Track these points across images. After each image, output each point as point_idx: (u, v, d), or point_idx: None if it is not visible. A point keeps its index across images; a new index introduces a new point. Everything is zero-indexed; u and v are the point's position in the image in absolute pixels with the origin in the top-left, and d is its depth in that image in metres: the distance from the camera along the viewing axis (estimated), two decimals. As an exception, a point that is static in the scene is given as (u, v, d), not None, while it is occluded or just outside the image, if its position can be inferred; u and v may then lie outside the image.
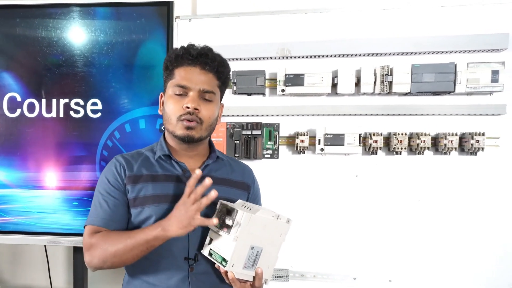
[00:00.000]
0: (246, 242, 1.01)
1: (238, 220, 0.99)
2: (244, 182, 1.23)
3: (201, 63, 1.10)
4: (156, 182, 1.12)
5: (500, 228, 1.68)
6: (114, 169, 1.14)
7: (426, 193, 1.71)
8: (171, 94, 1.12)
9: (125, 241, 1.02)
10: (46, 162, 1.87)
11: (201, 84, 1.09)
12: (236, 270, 1.02)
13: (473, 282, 1.70)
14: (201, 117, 1.09)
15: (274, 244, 1.07)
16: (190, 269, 1.09)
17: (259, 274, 1.04)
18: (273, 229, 1.05)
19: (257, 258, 1.04)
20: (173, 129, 1.11)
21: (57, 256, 2.24)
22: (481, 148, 1.63)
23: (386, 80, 1.67)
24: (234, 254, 1.00)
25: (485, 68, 1.64)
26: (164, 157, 1.16)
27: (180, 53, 1.11)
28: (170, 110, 1.11)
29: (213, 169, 1.18)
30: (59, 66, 1.88)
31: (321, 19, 1.79)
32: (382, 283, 1.74)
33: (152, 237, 1.00)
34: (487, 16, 1.69)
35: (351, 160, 1.75)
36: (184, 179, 1.12)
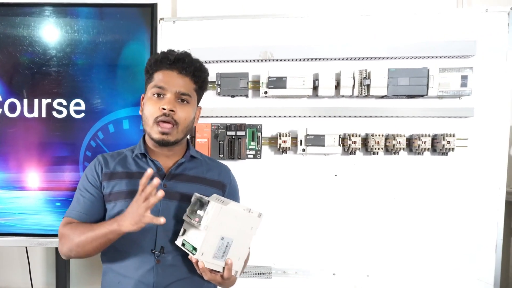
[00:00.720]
0: (216, 233, 1.06)
1: (209, 211, 1.05)
2: (219, 181, 1.28)
3: (179, 67, 1.17)
4: (130, 179, 1.19)
5: (469, 224, 1.79)
6: (93, 167, 1.23)
7: (401, 192, 1.80)
8: (150, 96, 1.19)
9: (87, 233, 1.09)
10: (28, 162, 1.86)
11: (177, 87, 1.16)
12: (206, 259, 1.06)
13: (444, 276, 1.80)
14: (177, 119, 1.15)
15: (245, 237, 1.12)
16: (157, 261, 1.14)
17: (228, 265, 1.09)
18: (244, 222, 1.10)
19: (227, 249, 1.09)
20: (150, 131, 1.18)
21: (36, 257, 2.22)
22: (452, 149, 1.73)
23: (364, 84, 1.75)
24: (204, 243, 1.05)
25: (455, 73, 1.74)
26: (141, 155, 1.23)
27: (160, 58, 1.19)
28: (147, 112, 1.17)
29: (188, 167, 1.24)
30: (41, 66, 1.87)
31: (302, 24, 1.85)
32: (360, 278, 1.82)
33: (108, 231, 1.06)
34: (457, 24, 1.79)
35: (330, 160, 1.82)
36: (157, 176, 1.15)
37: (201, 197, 1.09)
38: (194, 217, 1.07)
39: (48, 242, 1.83)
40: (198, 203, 1.09)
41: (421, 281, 1.81)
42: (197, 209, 1.08)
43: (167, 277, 1.15)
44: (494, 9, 1.78)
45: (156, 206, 1.11)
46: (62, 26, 1.87)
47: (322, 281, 1.83)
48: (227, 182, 1.30)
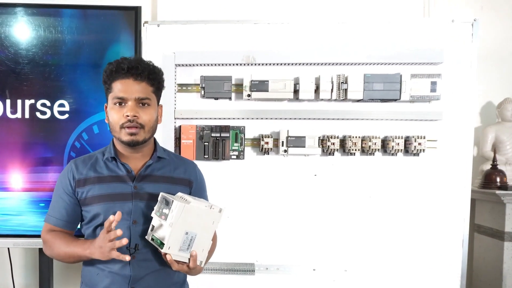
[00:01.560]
0: (181, 228, 1.15)
1: (173, 209, 1.14)
2: (186, 178, 1.35)
3: (133, 74, 1.22)
4: (102, 183, 1.26)
5: (438, 220, 1.91)
6: (66, 174, 1.30)
7: (377, 190, 1.91)
8: (112, 105, 1.24)
9: (64, 249, 1.24)
10: (11, 163, 1.86)
11: (136, 93, 1.22)
12: (172, 252, 1.16)
13: (416, 269, 1.92)
14: (141, 122, 1.22)
15: (208, 230, 1.21)
16: (132, 256, 1.23)
17: (193, 256, 1.18)
18: (206, 217, 1.20)
19: (191, 242, 1.18)
20: (119, 136, 1.24)
21: (17, 258, 2.20)
22: (423, 150, 1.85)
23: (342, 88, 1.85)
24: (170, 238, 1.14)
25: (425, 79, 1.86)
26: (111, 159, 1.29)
27: (114, 69, 1.23)
28: (113, 120, 1.23)
29: (155, 168, 1.31)
30: (24, 67, 1.87)
31: (283, 29, 1.93)
32: (339, 273, 1.92)
33: (82, 255, 1.22)
34: (427, 33, 1.91)
35: (310, 160, 1.91)
36: (128, 179, 1.26)
37: (166, 196, 1.18)
38: (161, 215, 1.17)
39: (32, 243, 1.83)
40: (164, 202, 1.18)
41: (395, 275, 1.92)
42: (163, 207, 1.17)
43: (142, 270, 1.25)
44: (459, 20, 1.91)
45: (128, 207, 1.23)
46: (46, 28, 1.88)
47: (302, 277, 1.91)
48: (193, 179, 1.37)
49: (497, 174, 2.43)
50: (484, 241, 2.54)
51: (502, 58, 2.70)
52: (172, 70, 1.88)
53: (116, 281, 1.24)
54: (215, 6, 2.48)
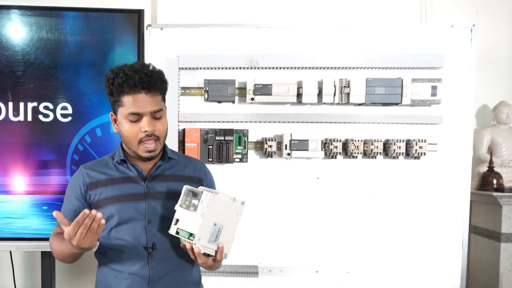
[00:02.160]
0: (210, 219, 1.16)
1: (203, 199, 1.14)
2: (196, 176, 1.36)
3: (145, 88, 1.17)
4: (114, 185, 1.26)
5: (439, 223, 1.94)
6: (77, 179, 1.29)
7: (378, 193, 1.94)
8: (125, 120, 1.20)
9: (58, 248, 1.22)
10: (14, 166, 1.85)
11: (150, 107, 1.19)
12: (202, 243, 1.16)
13: (417, 270, 1.95)
14: (158, 134, 1.22)
15: (232, 222, 1.22)
16: (150, 256, 1.23)
17: (220, 248, 1.18)
18: (231, 209, 1.21)
19: (219, 234, 1.19)
20: (136, 150, 1.23)
21: (19, 261, 2.19)
22: (424, 153, 1.88)
23: (344, 92, 1.87)
24: (201, 229, 1.14)
25: (426, 83, 1.89)
26: (121, 161, 1.29)
27: (124, 84, 1.17)
28: (129, 134, 1.21)
29: (166, 168, 1.31)
30: (26, 70, 1.87)
31: (285, 34, 1.95)
32: (341, 275, 1.94)
33: (70, 247, 1.12)
34: (427, 38, 1.95)
35: (313, 163, 1.93)
36: (139, 179, 1.26)
37: (192, 189, 1.18)
38: (189, 207, 1.16)
39: (35, 246, 1.83)
40: (191, 194, 1.17)
41: (396, 276, 1.94)
42: (191, 199, 1.17)
43: (160, 269, 1.24)
44: (458, 25, 1.95)
45: (141, 207, 1.23)
46: (49, 30, 1.87)
47: (305, 278, 1.93)
48: (203, 177, 1.38)
49: (493, 176, 2.48)
50: (480, 242, 2.59)
51: (496, 61, 2.75)
52: (175, 73, 1.88)
53: (136, 282, 1.23)
54: (215, 10, 2.49)
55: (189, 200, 1.17)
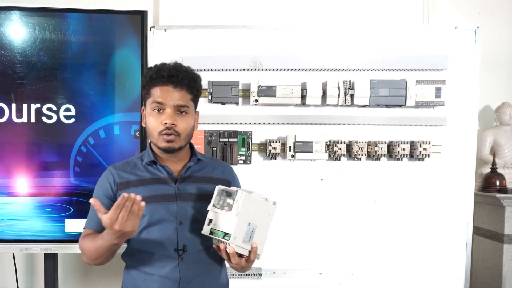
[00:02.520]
0: (245, 218, 1.16)
1: (238, 199, 1.15)
2: (225, 178, 1.37)
3: (173, 82, 1.22)
4: (145, 185, 1.26)
5: (443, 224, 1.94)
6: (106, 179, 1.29)
7: (382, 195, 1.94)
8: (150, 111, 1.25)
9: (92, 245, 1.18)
10: (17, 168, 1.85)
11: (175, 101, 1.22)
12: (237, 243, 1.15)
13: (421, 272, 1.95)
14: (178, 130, 1.23)
15: (265, 222, 1.22)
16: (180, 258, 1.23)
17: (254, 248, 1.18)
18: (264, 209, 1.21)
19: (252, 234, 1.18)
20: (156, 142, 1.25)
21: (21, 263, 2.19)
22: (428, 155, 1.88)
23: (348, 94, 1.87)
24: (236, 228, 1.14)
25: (430, 85, 1.89)
26: (150, 162, 1.30)
27: (154, 75, 1.23)
28: (151, 126, 1.24)
29: (195, 170, 1.32)
30: (30, 71, 1.86)
31: (289, 35, 1.95)
32: (345, 277, 1.94)
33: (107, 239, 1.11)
34: (431, 39, 1.94)
35: (317, 165, 1.93)
36: (170, 181, 1.27)
37: (226, 188, 1.19)
38: (223, 206, 1.16)
39: (38, 248, 1.82)
40: (225, 194, 1.18)
41: (400, 278, 1.94)
42: (225, 199, 1.17)
43: (190, 272, 1.24)
44: (462, 27, 1.95)
45: (173, 208, 1.22)
46: (53, 32, 1.87)
47: (309, 280, 1.93)
48: (231, 179, 1.40)
49: (496, 177, 2.48)
50: (483, 243, 2.58)
51: (499, 63, 2.75)
52: (179, 75, 1.88)
53: (166, 285, 1.22)
54: (218, 11, 2.49)
55: (223, 200, 1.17)
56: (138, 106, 1.91)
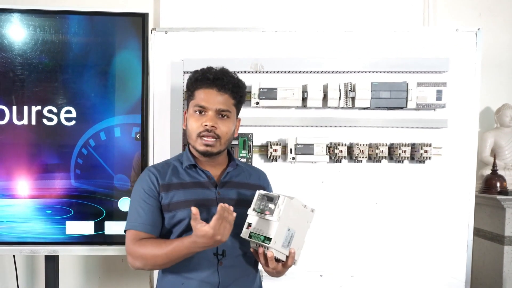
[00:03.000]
0: (285, 223, 1.17)
1: (280, 204, 1.16)
2: (260, 185, 1.40)
3: (218, 85, 1.25)
4: (186, 189, 1.28)
5: (443, 227, 1.94)
6: (148, 178, 1.29)
7: (383, 197, 1.93)
8: (192, 113, 1.27)
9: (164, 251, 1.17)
10: (18, 170, 1.85)
11: (218, 104, 1.25)
12: (277, 247, 1.17)
13: (422, 275, 1.94)
14: (219, 133, 1.25)
15: (303, 229, 1.24)
16: (219, 263, 1.24)
17: (292, 253, 1.20)
18: (303, 216, 1.23)
19: (291, 239, 1.20)
20: (194, 144, 1.27)
21: (22, 265, 2.19)
22: (429, 157, 1.87)
23: (350, 96, 1.87)
24: (277, 233, 1.15)
25: (431, 87, 1.89)
26: (190, 166, 1.31)
27: (200, 78, 1.27)
28: (191, 127, 1.26)
29: (233, 175, 1.35)
30: (30, 73, 1.86)
31: (290, 37, 1.94)
32: (345, 279, 1.94)
33: (190, 252, 1.16)
34: (432, 41, 1.94)
35: (318, 167, 1.93)
36: (210, 185, 1.29)
37: (267, 193, 1.21)
38: (264, 211, 1.18)
39: (38, 250, 1.82)
40: (265, 198, 1.19)
41: (401, 280, 1.94)
42: (266, 203, 1.19)
43: (228, 276, 1.25)
44: (463, 29, 1.94)
45: (213, 213, 1.20)
46: (53, 34, 1.86)
47: (310, 282, 1.93)
48: (266, 186, 1.43)
49: (497, 179, 2.48)
50: (484, 244, 2.58)
51: (500, 64, 2.75)
52: (180, 77, 1.88)
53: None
54: (219, 13, 2.49)
55: (264, 204, 1.19)
56: (139, 108, 1.91)
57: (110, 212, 1.91)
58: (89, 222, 1.89)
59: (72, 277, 2.33)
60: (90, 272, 2.44)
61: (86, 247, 1.91)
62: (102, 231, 1.90)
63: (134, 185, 1.33)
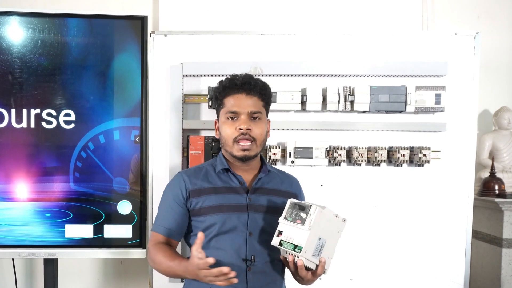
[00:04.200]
0: (316, 233, 1.18)
1: (311, 213, 1.17)
2: (292, 192, 1.40)
3: (246, 89, 1.27)
4: (218, 194, 1.30)
5: (442, 230, 1.94)
6: (178, 185, 1.32)
7: (382, 200, 1.94)
8: (224, 120, 1.29)
9: (166, 264, 1.23)
10: (17, 173, 1.85)
11: (248, 108, 1.27)
12: (307, 256, 1.17)
13: (421, 278, 1.95)
14: (254, 135, 1.26)
15: (334, 238, 1.24)
16: (248, 268, 1.25)
17: (322, 263, 1.20)
18: (334, 225, 1.23)
19: (322, 248, 1.20)
20: (231, 150, 1.28)
21: (21, 268, 2.19)
22: (428, 161, 1.88)
23: (349, 100, 1.87)
24: (308, 242, 1.16)
25: (430, 91, 1.89)
26: (223, 170, 1.33)
27: (228, 85, 1.29)
28: (226, 134, 1.28)
29: (265, 181, 1.35)
30: (29, 76, 1.86)
31: (289, 41, 1.95)
32: (344, 282, 1.94)
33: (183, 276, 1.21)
34: (431, 45, 1.95)
35: (317, 171, 1.93)
36: (241, 190, 1.30)
37: (299, 202, 1.21)
38: (295, 219, 1.18)
39: (37, 253, 1.82)
40: (297, 207, 1.20)
41: (400, 283, 1.95)
42: (298, 212, 1.19)
43: (257, 282, 1.26)
44: (462, 33, 1.95)
45: (244, 218, 1.26)
46: (53, 37, 1.86)
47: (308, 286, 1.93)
48: (298, 193, 1.44)
49: (495, 182, 2.49)
50: (482, 247, 2.59)
51: (498, 67, 2.76)
52: (179, 80, 1.88)
53: None
54: (218, 17, 2.49)
55: (295, 213, 1.19)
56: (138, 111, 1.91)
57: (109, 215, 1.90)
58: (88, 225, 1.89)
59: (71, 280, 2.33)
60: (89, 275, 2.44)
61: (85, 250, 1.91)
62: (101, 234, 1.90)
63: (165, 187, 1.36)
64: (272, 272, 1.30)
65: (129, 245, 1.91)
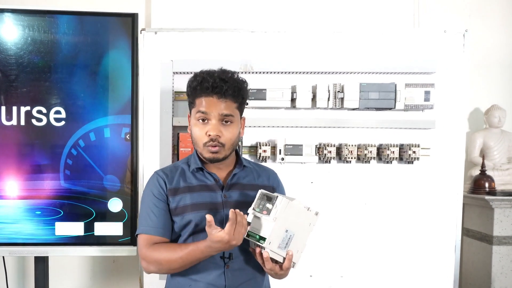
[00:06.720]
0: (282, 224, 1.17)
1: (277, 204, 1.16)
2: (269, 185, 1.39)
3: (217, 93, 1.22)
4: (193, 192, 1.29)
5: (432, 227, 1.95)
6: (157, 182, 1.31)
7: (372, 197, 1.95)
8: (195, 121, 1.26)
9: (179, 255, 1.20)
10: (7, 171, 1.84)
11: (219, 110, 1.23)
12: (272, 248, 1.16)
13: (410, 274, 1.96)
14: (223, 141, 1.24)
15: (304, 232, 1.22)
16: (226, 266, 1.25)
17: (289, 256, 1.18)
18: (304, 218, 1.21)
19: (289, 241, 1.19)
20: (201, 151, 1.27)
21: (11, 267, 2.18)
22: (417, 158, 1.89)
23: (338, 97, 1.88)
24: (272, 233, 1.15)
25: (419, 88, 1.90)
26: (197, 169, 1.31)
27: (198, 86, 1.24)
28: (196, 136, 1.26)
29: (241, 176, 1.34)
30: (19, 73, 1.85)
31: (279, 38, 1.95)
32: (335, 279, 1.95)
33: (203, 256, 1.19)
34: (420, 43, 1.96)
35: (307, 168, 1.94)
36: (216, 188, 1.30)
37: (267, 193, 1.20)
38: (262, 210, 1.17)
39: (28, 251, 1.82)
40: (265, 198, 1.19)
41: (390, 280, 1.96)
42: (265, 203, 1.18)
43: (235, 279, 1.26)
44: (451, 31, 1.96)
45: (220, 216, 1.25)
46: (43, 34, 1.86)
47: (299, 283, 1.93)
48: (276, 186, 1.42)
49: (485, 180, 2.51)
50: (473, 244, 2.61)
51: (489, 65, 2.79)
52: (170, 77, 1.89)
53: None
54: (210, 14, 2.50)
55: (263, 204, 1.18)
56: (128, 108, 1.91)
57: (100, 213, 1.90)
58: (78, 223, 1.89)
59: (63, 278, 2.33)
60: (80, 273, 2.44)
61: (76, 248, 1.91)
62: (92, 232, 1.90)
63: (144, 189, 1.35)
64: (252, 269, 1.29)
65: (120, 242, 1.91)
